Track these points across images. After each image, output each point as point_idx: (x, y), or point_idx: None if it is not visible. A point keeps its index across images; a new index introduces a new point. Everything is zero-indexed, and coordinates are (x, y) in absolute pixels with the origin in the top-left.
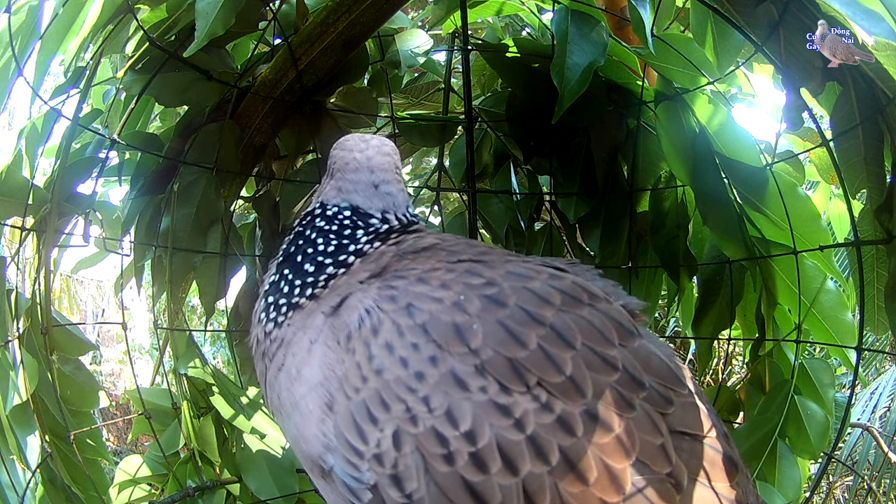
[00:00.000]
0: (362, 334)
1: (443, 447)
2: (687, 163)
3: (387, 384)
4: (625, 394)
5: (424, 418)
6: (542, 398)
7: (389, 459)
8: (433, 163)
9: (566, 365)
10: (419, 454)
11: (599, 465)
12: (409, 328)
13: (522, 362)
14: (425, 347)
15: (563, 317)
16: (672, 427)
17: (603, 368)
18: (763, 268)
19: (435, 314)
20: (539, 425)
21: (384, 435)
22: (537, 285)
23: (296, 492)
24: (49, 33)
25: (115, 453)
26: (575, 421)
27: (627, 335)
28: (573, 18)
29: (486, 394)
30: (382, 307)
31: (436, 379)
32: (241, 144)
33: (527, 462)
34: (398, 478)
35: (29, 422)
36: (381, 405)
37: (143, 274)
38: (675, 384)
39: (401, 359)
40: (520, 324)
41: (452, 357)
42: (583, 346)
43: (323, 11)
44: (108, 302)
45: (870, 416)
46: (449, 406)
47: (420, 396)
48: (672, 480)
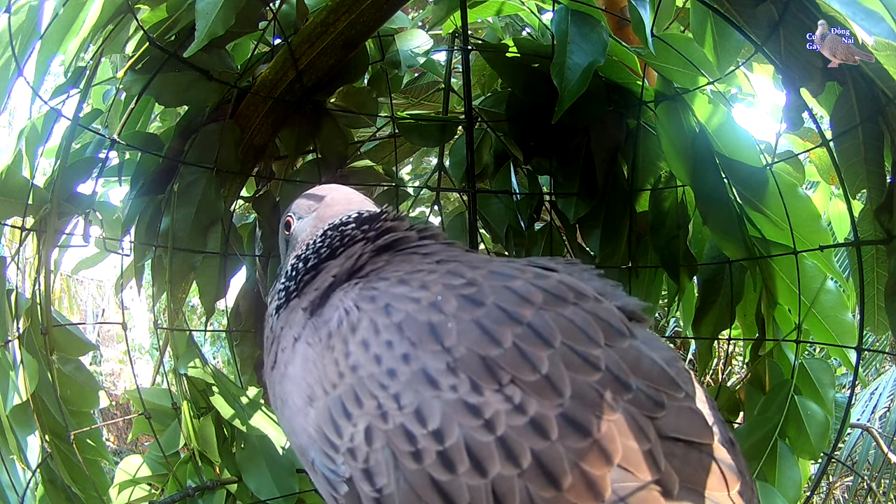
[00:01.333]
0: (341, 332)
1: (411, 444)
2: (687, 163)
3: (361, 380)
4: (606, 395)
5: (394, 415)
6: (515, 398)
7: (362, 454)
8: (433, 163)
9: (542, 363)
10: (389, 450)
11: (575, 471)
12: (385, 326)
13: (496, 360)
14: (399, 345)
15: (543, 315)
16: (663, 432)
17: (583, 368)
18: (763, 268)
19: (411, 313)
20: (510, 427)
21: (357, 430)
22: (518, 284)
23: (296, 492)
24: (49, 33)
25: (115, 453)
26: (549, 423)
27: (616, 335)
28: (573, 18)
29: (456, 392)
30: (361, 306)
31: (407, 377)
32: (241, 144)
33: (496, 464)
34: (370, 472)
35: (29, 422)
36: (354, 401)
37: (143, 274)
38: (669, 387)
39: (375, 356)
40: (495, 322)
41: (425, 355)
42: (562, 345)
43: (323, 11)
44: (108, 302)
45: (870, 417)
46: (418, 404)
47: (391, 393)
48: (659, 489)
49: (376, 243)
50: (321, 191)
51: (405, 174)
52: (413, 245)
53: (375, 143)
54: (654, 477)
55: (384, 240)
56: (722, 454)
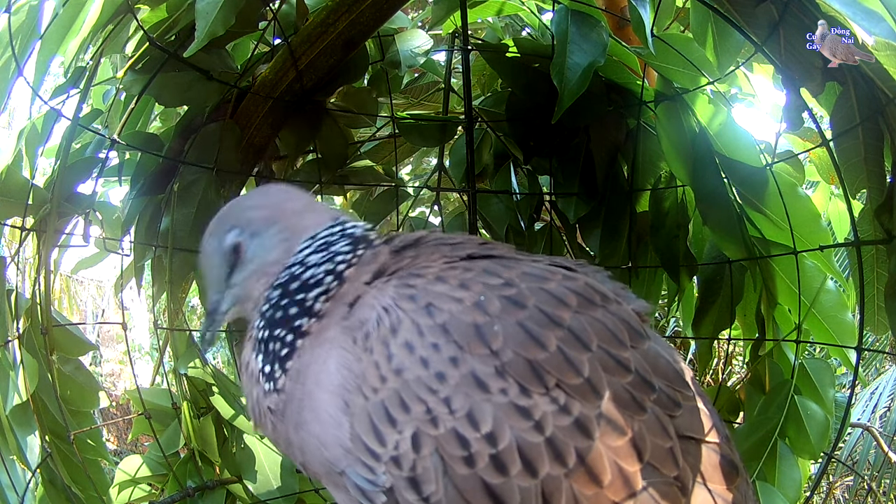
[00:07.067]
0: (381, 333)
1: (464, 449)
2: (687, 163)
3: (406, 384)
4: (637, 396)
5: (445, 420)
6: (560, 400)
7: (408, 461)
8: (433, 163)
9: (584, 367)
10: (438, 456)
11: (614, 468)
12: (430, 328)
13: (542, 364)
14: (446, 348)
15: (580, 318)
16: (679, 431)
17: (617, 370)
18: (763, 268)
19: (455, 314)
20: (557, 427)
21: (403, 437)
22: (554, 286)
23: (296, 492)
24: (49, 33)
25: (115, 453)
26: (591, 423)
27: (637, 337)
28: (573, 18)
29: (506, 396)
30: (401, 306)
31: (457, 380)
32: (241, 144)
33: (545, 464)
34: (416, 480)
35: (29, 422)
36: (400, 406)
37: (143, 274)
38: (682, 386)
39: (421, 359)
40: (539, 325)
41: (473, 358)
42: (598, 349)
43: (323, 11)
44: (108, 302)
45: (870, 416)
46: (470, 407)
47: (441, 397)
48: (679, 484)
49: (395, 244)
50: (264, 197)
51: (405, 174)
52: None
53: (375, 143)
54: (675, 473)
55: (401, 240)
56: (723, 449)
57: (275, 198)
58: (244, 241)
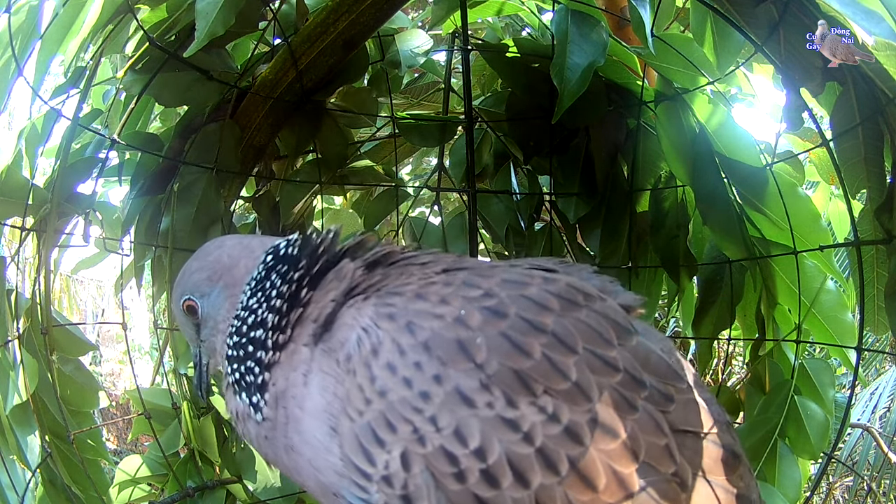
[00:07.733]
0: (362, 355)
1: (453, 465)
2: (687, 163)
3: (391, 405)
4: (627, 395)
5: (433, 438)
6: (549, 408)
7: (399, 480)
8: (433, 163)
9: (570, 371)
10: (429, 473)
11: (608, 471)
12: (411, 347)
13: (528, 372)
14: (428, 366)
15: (563, 322)
16: (674, 426)
17: (605, 371)
18: (763, 268)
19: (437, 331)
20: (547, 436)
21: (392, 456)
22: (534, 291)
23: (296, 492)
24: (49, 33)
25: (115, 453)
26: (582, 429)
27: (625, 334)
28: (573, 18)
29: (493, 409)
30: (381, 325)
31: (441, 397)
32: (241, 144)
33: (537, 474)
34: (409, 498)
35: (29, 422)
36: (386, 427)
37: (143, 274)
38: (675, 380)
39: (404, 379)
40: (522, 334)
41: (457, 373)
42: (584, 350)
43: (323, 11)
44: (108, 302)
45: (870, 417)
46: (457, 424)
47: (427, 416)
48: (677, 480)
49: (365, 259)
50: (203, 257)
51: (405, 174)
52: (404, 257)
53: (375, 143)
54: (672, 469)
55: (372, 255)
56: (723, 439)
57: (212, 255)
58: (196, 303)
